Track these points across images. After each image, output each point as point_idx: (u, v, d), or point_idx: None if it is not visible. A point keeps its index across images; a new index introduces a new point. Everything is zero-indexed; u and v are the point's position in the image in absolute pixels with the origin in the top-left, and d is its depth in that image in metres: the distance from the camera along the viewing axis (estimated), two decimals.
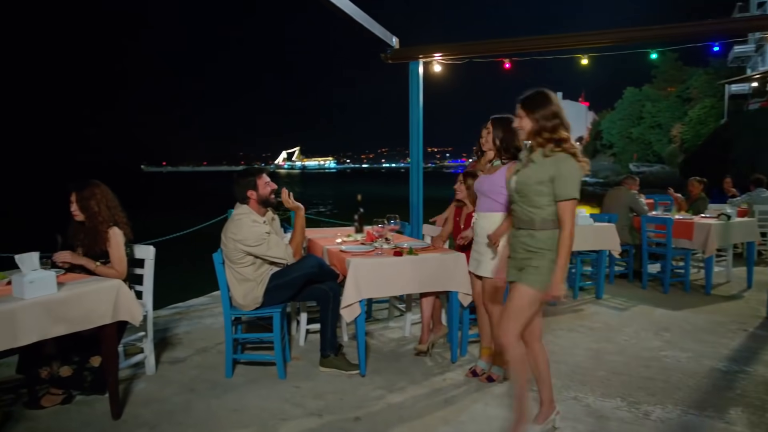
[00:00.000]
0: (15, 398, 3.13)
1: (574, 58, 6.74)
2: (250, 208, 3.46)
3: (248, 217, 3.38)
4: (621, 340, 4.17)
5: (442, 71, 6.33)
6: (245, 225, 3.34)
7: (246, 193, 3.45)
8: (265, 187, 3.48)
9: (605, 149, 56.83)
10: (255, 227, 3.35)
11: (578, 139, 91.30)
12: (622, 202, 6.26)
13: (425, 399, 3.15)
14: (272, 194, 3.52)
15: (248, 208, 3.46)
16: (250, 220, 3.37)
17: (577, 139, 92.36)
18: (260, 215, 3.48)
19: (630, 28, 5.49)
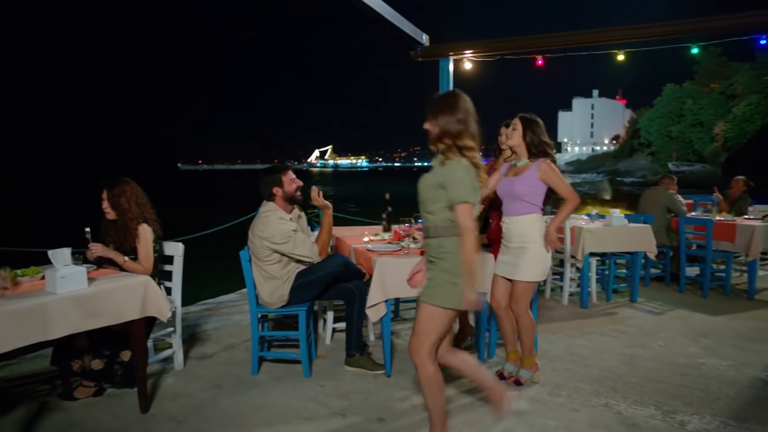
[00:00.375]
0: (50, 389, 3.23)
1: (611, 55, 6.56)
2: (277, 206, 3.47)
3: (275, 215, 3.39)
4: (656, 346, 4.03)
5: (473, 68, 6.26)
6: (272, 222, 3.35)
7: (272, 190, 3.47)
8: (290, 183, 3.48)
9: (643, 148, 55.36)
10: (281, 224, 3.36)
11: (614, 138, 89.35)
12: (659, 203, 6.05)
13: (450, 401, 3.09)
14: (298, 191, 3.53)
15: (274, 205, 3.47)
16: (277, 217, 3.38)
17: (613, 138, 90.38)
18: (287, 212, 3.49)
19: (668, 21, 5.29)
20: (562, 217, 3.15)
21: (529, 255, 3.11)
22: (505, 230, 3.24)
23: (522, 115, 3.19)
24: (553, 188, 3.12)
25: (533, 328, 3.28)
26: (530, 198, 3.12)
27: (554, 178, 3.09)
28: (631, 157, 60.26)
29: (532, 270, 3.12)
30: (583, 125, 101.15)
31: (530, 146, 3.14)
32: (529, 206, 3.12)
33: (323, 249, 3.56)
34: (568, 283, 5.19)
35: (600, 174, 63.17)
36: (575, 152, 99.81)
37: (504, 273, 3.25)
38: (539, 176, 3.08)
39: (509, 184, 3.18)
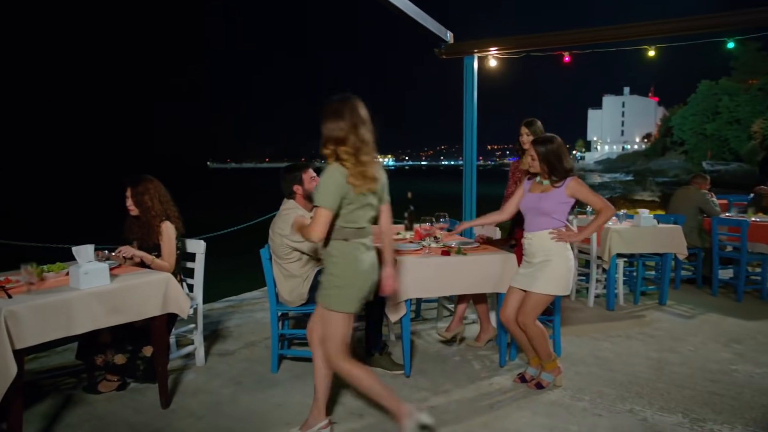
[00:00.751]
0: (77, 382, 3.31)
1: (642, 51, 6.37)
2: (297, 203, 3.47)
3: (295, 212, 3.40)
4: (685, 351, 3.89)
5: (501, 66, 6.17)
6: (291, 220, 3.35)
7: (292, 187, 3.47)
8: (310, 181, 3.48)
9: (675, 146, 53.94)
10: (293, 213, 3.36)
11: (646, 136, 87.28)
12: (692, 203, 5.86)
13: (469, 403, 3.06)
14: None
15: (294, 203, 3.47)
16: (297, 215, 3.38)
17: (644, 136, 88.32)
18: (307, 210, 3.49)
19: (702, 15, 5.11)
20: (594, 227, 3.11)
21: (551, 268, 3.05)
22: (527, 245, 3.18)
23: (534, 141, 3.15)
24: (586, 202, 3.10)
25: (544, 335, 3.20)
26: (557, 215, 3.07)
27: (585, 192, 3.05)
28: (663, 156, 58.78)
29: (552, 283, 3.06)
30: (613, 123, 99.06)
31: (550, 174, 3.09)
32: (555, 221, 3.08)
33: None
34: (594, 285, 5.06)
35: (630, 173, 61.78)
36: (605, 151, 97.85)
37: (520, 284, 3.18)
38: (568, 193, 3.05)
39: (536, 200, 3.12)
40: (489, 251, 3.58)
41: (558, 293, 3.12)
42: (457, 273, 3.39)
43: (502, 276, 3.41)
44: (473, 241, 4.02)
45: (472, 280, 3.42)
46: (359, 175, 2.33)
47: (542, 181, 3.16)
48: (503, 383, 3.33)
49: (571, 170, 3.10)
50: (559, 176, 3.07)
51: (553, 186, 3.08)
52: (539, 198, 3.11)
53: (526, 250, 3.20)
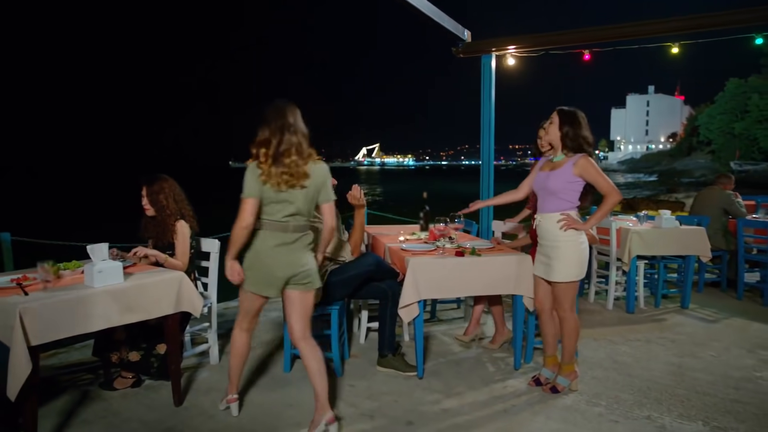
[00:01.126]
0: (93, 378, 3.36)
1: (667, 49, 6.21)
2: None
3: None
4: (707, 356, 3.78)
5: (517, 64, 6.08)
6: None
7: None
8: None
9: (702, 146, 52.79)
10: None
11: (671, 136, 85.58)
12: (716, 204, 5.71)
13: (483, 407, 3.01)
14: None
15: None
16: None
17: (669, 136, 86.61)
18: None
19: (728, 10, 4.96)
20: (601, 213, 2.98)
21: (562, 254, 2.99)
22: (538, 228, 3.13)
23: (560, 108, 3.06)
24: (593, 184, 2.97)
25: (577, 332, 3.15)
26: (564, 194, 2.99)
27: (593, 173, 2.94)
28: (689, 156, 57.59)
29: (567, 269, 2.99)
30: (637, 123, 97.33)
31: (564, 139, 3.00)
32: (562, 203, 3.00)
33: (355, 247, 3.53)
34: (614, 287, 4.96)
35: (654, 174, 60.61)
36: (629, 151, 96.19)
37: (541, 273, 3.14)
38: (576, 172, 2.95)
39: (544, 179, 3.06)
40: (504, 252, 3.52)
41: (576, 278, 3.04)
42: (470, 274, 3.35)
43: (517, 278, 3.36)
44: (489, 241, 3.97)
45: (485, 282, 3.38)
46: (275, 174, 2.53)
47: (553, 157, 3.09)
48: (517, 386, 3.27)
49: (588, 145, 3.00)
50: (572, 143, 2.98)
51: (567, 157, 3.00)
52: (547, 176, 3.05)
53: (537, 232, 3.16)
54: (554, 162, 3.07)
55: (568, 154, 3.01)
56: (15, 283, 2.57)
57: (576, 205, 3.03)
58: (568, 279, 3.01)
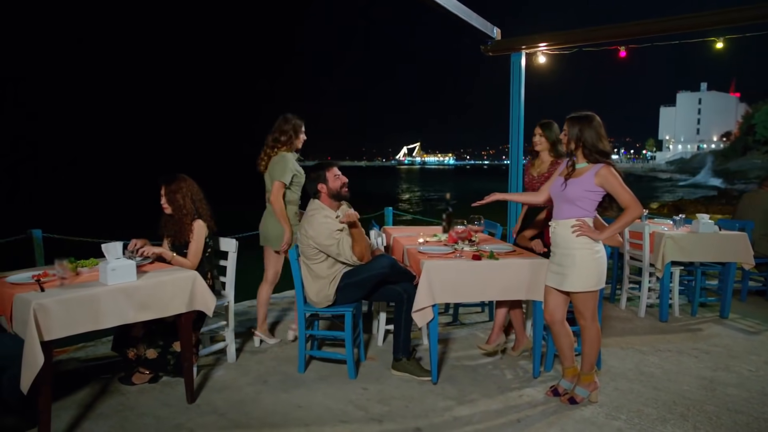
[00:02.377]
0: (113, 373, 3.44)
1: (709, 43, 5.91)
2: (322, 203, 3.45)
3: (320, 213, 3.38)
4: (744, 370, 3.56)
5: (548, 62, 5.92)
6: (316, 221, 3.34)
7: (316, 187, 3.45)
8: (335, 180, 3.46)
9: (759, 146, 50.19)
10: (326, 223, 3.34)
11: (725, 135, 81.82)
12: (761, 207, 5.38)
13: (495, 416, 2.92)
14: (344, 187, 3.48)
15: (320, 203, 3.45)
16: (322, 216, 3.37)
17: (723, 135, 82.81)
18: (333, 209, 3.47)
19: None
20: (618, 226, 2.84)
21: (576, 263, 2.87)
22: (552, 234, 3.01)
23: (569, 116, 2.93)
24: (614, 196, 2.83)
25: (599, 341, 3.03)
26: (582, 203, 2.86)
27: (614, 184, 2.80)
28: (744, 156, 54.90)
29: (583, 279, 2.87)
30: (687, 121, 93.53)
31: (582, 147, 2.87)
32: (579, 210, 2.88)
33: (362, 255, 3.43)
34: (646, 294, 4.75)
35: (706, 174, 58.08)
36: (678, 150, 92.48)
37: (553, 283, 3.01)
38: (597, 182, 2.82)
39: (562, 186, 2.93)
40: (521, 256, 3.41)
41: (593, 288, 2.91)
42: (486, 278, 3.27)
43: (535, 283, 3.25)
44: (510, 245, 3.86)
45: (502, 286, 3.28)
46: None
47: (575, 164, 2.94)
48: (534, 396, 3.16)
49: (608, 154, 2.88)
50: (590, 159, 2.86)
51: (589, 165, 2.87)
52: (565, 183, 2.91)
53: (551, 239, 3.04)
54: (577, 169, 2.93)
55: (590, 161, 2.88)
56: (34, 279, 2.66)
57: (592, 215, 2.90)
58: (585, 289, 2.88)
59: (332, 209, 3.46)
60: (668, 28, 5.28)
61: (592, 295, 2.93)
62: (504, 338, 3.82)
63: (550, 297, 3.08)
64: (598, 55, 5.90)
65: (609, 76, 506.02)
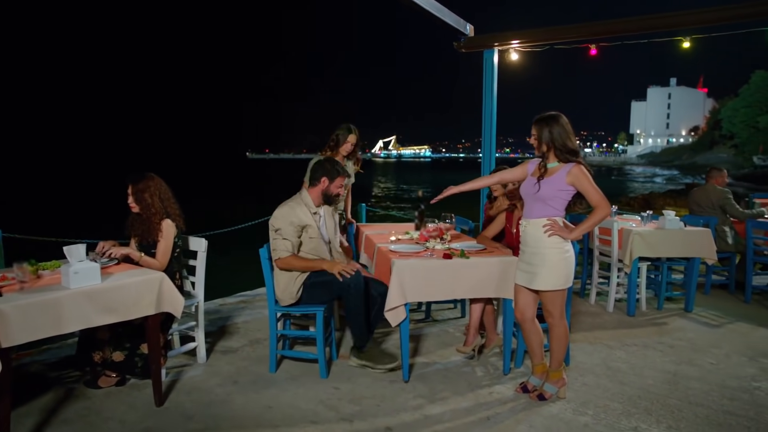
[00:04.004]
0: (80, 376, 3.36)
1: (676, 42, 6.02)
2: (308, 193, 3.49)
3: (294, 200, 3.45)
4: (706, 364, 3.67)
5: (521, 59, 5.96)
6: (284, 205, 3.41)
7: (320, 177, 3.46)
8: (337, 187, 3.51)
9: (725, 140, 51.67)
10: (288, 210, 3.38)
11: (693, 129, 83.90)
12: (713, 203, 5.50)
13: (466, 414, 2.95)
14: (338, 196, 3.56)
15: (306, 193, 3.49)
16: (294, 202, 3.43)
17: (691, 129, 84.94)
18: (312, 205, 3.49)
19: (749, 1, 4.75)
20: (587, 225, 2.90)
21: (546, 262, 2.91)
22: (522, 232, 3.04)
23: (536, 118, 2.97)
24: (584, 194, 2.87)
25: (566, 339, 3.08)
26: (553, 202, 2.90)
27: (585, 183, 2.84)
28: (711, 150, 56.44)
29: (552, 277, 2.91)
30: (658, 115, 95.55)
31: (553, 147, 2.90)
32: (550, 210, 2.91)
33: (289, 268, 3.40)
34: (614, 289, 4.84)
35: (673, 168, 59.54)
36: (648, 144, 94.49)
37: (523, 282, 3.05)
38: (568, 180, 2.85)
39: (531, 186, 2.96)
40: (492, 255, 3.44)
41: (562, 287, 2.96)
42: (457, 277, 3.29)
43: (505, 280, 3.29)
44: (481, 244, 3.88)
45: (472, 284, 3.31)
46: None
47: (546, 163, 2.96)
48: (504, 393, 3.20)
49: (577, 152, 2.92)
50: (561, 159, 2.90)
51: (560, 165, 2.90)
52: (537, 183, 2.93)
53: (521, 237, 3.07)
54: (548, 169, 2.94)
55: (561, 160, 2.91)
56: None
57: (563, 214, 2.94)
58: (554, 288, 2.93)
59: (312, 205, 3.46)
60: (635, 28, 5.36)
61: (561, 293, 2.98)
62: (480, 339, 3.84)
63: (520, 295, 3.11)
64: (571, 52, 5.96)
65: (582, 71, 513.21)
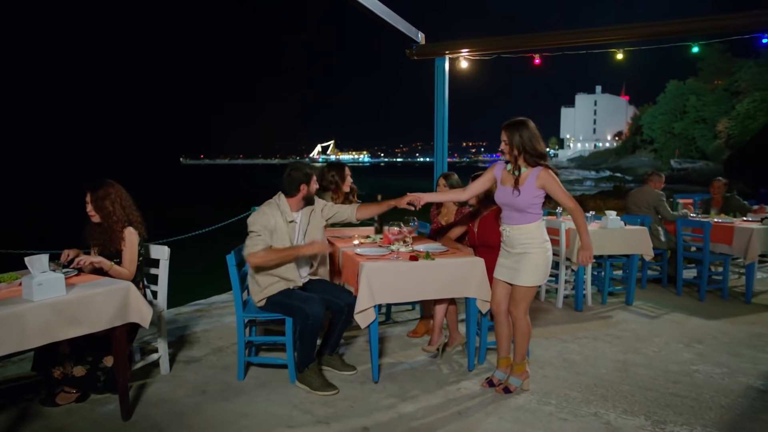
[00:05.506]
0: (32, 395, 3.18)
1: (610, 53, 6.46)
2: (287, 202, 3.43)
3: (270, 205, 3.42)
4: (649, 351, 3.97)
5: (470, 67, 6.18)
6: (260, 210, 3.39)
7: (299, 185, 3.42)
8: (315, 183, 3.53)
9: (645, 144, 55.22)
10: (263, 215, 3.35)
11: (617, 134, 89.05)
12: (649, 203, 5.95)
13: (438, 410, 3.05)
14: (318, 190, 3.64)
15: (284, 199, 3.44)
16: (270, 207, 3.40)
17: (615, 134, 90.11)
18: (293, 210, 3.45)
19: (668, 20, 5.21)
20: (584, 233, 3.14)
21: (531, 261, 3.07)
22: (506, 236, 3.19)
23: (505, 123, 3.11)
24: (554, 197, 3.04)
25: (529, 334, 3.24)
26: (531, 209, 3.07)
27: (555, 187, 3.01)
28: (633, 154, 60.14)
29: (533, 275, 3.09)
30: (585, 121, 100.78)
31: (524, 151, 3.04)
32: (530, 216, 3.08)
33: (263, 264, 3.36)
34: (563, 286, 5.13)
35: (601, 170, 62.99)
36: (577, 148, 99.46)
37: (504, 277, 3.20)
38: (538, 185, 3.01)
39: (509, 196, 3.08)
40: (457, 255, 3.57)
41: (539, 283, 3.16)
42: (424, 278, 3.39)
43: (471, 280, 3.42)
44: (444, 246, 4.01)
45: (439, 285, 3.42)
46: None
47: (513, 171, 3.09)
48: (471, 388, 3.33)
49: (545, 155, 3.07)
50: (531, 163, 3.05)
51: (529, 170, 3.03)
52: (512, 193, 3.06)
53: (504, 241, 3.21)
54: (518, 176, 3.06)
55: (530, 164, 3.05)
56: None
57: (541, 216, 3.11)
58: (531, 284, 3.10)
59: (288, 212, 3.43)
60: (573, 41, 5.73)
61: (533, 290, 3.16)
62: (444, 337, 3.97)
63: (498, 289, 3.28)
64: (516, 60, 6.26)
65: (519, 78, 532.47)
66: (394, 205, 3.63)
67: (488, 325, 3.67)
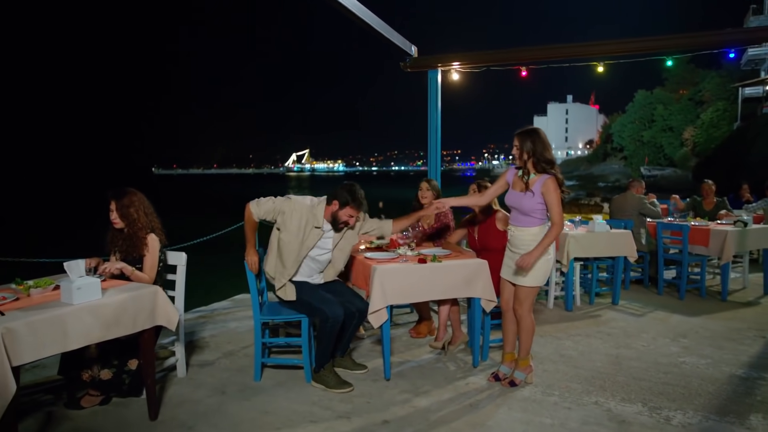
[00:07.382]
0: (54, 399, 3.25)
1: (592, 66, 6.80)
2: (324, 207, 3.56)
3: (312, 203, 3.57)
4: (639, 346, 4.24)
5: (460, 79, 6.43)
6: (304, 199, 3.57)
7: (334, 199, 3.51)
8: (347, 217, 3.53)
9: (616, 152, 56.65)
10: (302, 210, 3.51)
11: (588, 143, 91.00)
12: (632, 208, 6.28)
13: (451, 403, 3.24)
14: (345, 224, 3.56)
15: (323, 205, 3.56)
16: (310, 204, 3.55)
17: (587, 143, 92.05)
18: (320, 219, 3.55)
19: (648, 37, 5.56)
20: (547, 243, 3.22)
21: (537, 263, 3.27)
22: (512, 237, 3.41)
23: (517, 132, 3.34)
24: (547, 205, 3.23)
25: (533, 331, 3.46)
26: (536, 213, 3.28)
27: (552, 197, 3.19)
28: (604, 162, 61.60)
29: (536, 276, 3.30)
30: (557, 130, 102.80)
31: (533, 157, 3.25)
32: (535, 220, 3.30)
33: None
34: (554, 287, 5.38)
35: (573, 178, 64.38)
36: None
37: (509, 277, 3.42)
38: (542, 190, 3.21)
39: (518, 200, 3.30)
40: (462, 258, 3.78)
41: (540, 284, 3.37)
42: (433, 280, 3.59)
43: (476, 281, 3.63)
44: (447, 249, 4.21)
45: (446, 286, 3.62)
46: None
47: (524, 176, 3.28)
48: (479, 382, 3.53)
49: (554, 163, 3.27)
50: (539, 169, 3.25)
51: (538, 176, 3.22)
52: (521, 199, 3.28)
53: (510, 241, 3.43)
54: (527, 181, 3.26)
55: (538, 171, 3.26)
56: None
57: (546, 220, 3.32)
58: (534, 284, 3.32)
59: (320, 218, 3.53)
60: (561, 54, 6.04)
61: (536, 290, 3.38)
62: (449, 334, 4.17)
63: (505, 288, 3.50)
64: (502, 73, 6.55)
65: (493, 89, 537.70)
66: (423, 215, 3.83)
67: (491, 323, 3.88)
